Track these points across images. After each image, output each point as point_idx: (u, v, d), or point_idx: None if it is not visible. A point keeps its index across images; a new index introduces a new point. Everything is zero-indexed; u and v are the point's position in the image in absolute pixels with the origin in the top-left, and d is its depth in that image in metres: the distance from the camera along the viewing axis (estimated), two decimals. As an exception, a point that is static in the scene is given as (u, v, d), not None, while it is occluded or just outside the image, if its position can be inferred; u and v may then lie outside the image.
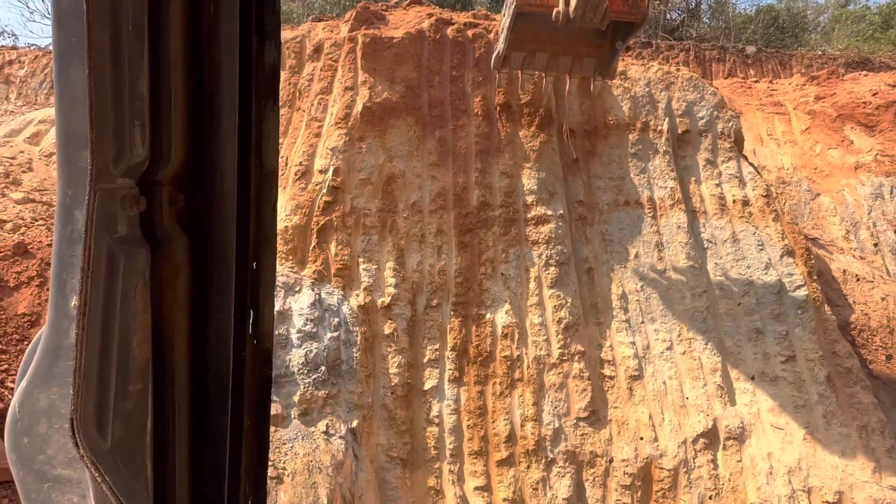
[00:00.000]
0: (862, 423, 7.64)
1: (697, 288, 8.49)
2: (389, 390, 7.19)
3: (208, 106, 0.89)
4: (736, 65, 19.60)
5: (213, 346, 0.94)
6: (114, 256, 0.81)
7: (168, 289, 0.89)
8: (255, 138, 0.91)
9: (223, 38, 0.87)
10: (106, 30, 0.74)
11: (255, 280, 0.95)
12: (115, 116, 0.78)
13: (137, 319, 0.85)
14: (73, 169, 0.78)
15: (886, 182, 10.62)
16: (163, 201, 0.88)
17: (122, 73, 0.77)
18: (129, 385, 0.85)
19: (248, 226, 0.93)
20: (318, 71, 8.30)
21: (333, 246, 7.56)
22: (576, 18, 6.44)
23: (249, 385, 0.96)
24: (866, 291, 9.12)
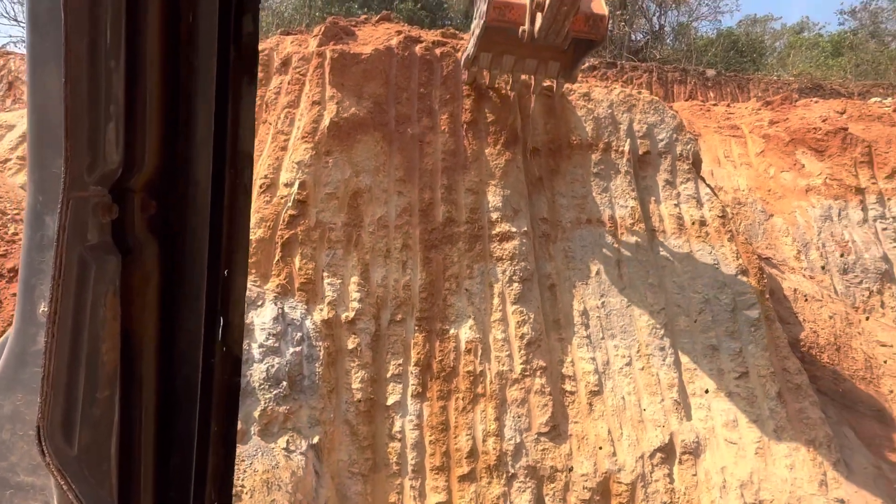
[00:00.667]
0: (810, 438, 7.92)
1: (656, 305, 8.71)
2: (352, 405, 7.17)
3: (184, 112, 0.89)
4: (697, 87, 20.23)
5: (183, 352, 0.94)
6: (85, 264, 0.81)
7: (138, 296, 0.89)
8: (229, 148, 0.92)
9: (201, 44, 0.88)
10: (84, 37, 0.75)
11: (226, 288, 0.96)
12: (90, 124, 0.78)
13: (107, 327, 0.85)
14: (46, 174, 0.78)
15: (835, 205, 11.09)
16: (135, 208, 0.88)
17: (98, 81, 0.78)
18: (97, 392, 0.84)
19: (221, 233, 0.94)
20: (286, 84, 8.30)
21: (298, 260, 7.53)
22: (540, 38, 6.85)
23: (218, 391, 0.97)
24: (815, 310, 9.49)
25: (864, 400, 8.61)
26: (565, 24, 6.59)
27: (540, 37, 6.75)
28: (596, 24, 6.90)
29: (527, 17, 6.74)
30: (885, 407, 8.50)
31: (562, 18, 6.47)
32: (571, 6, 6.31)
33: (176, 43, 0.86)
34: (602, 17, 6.92)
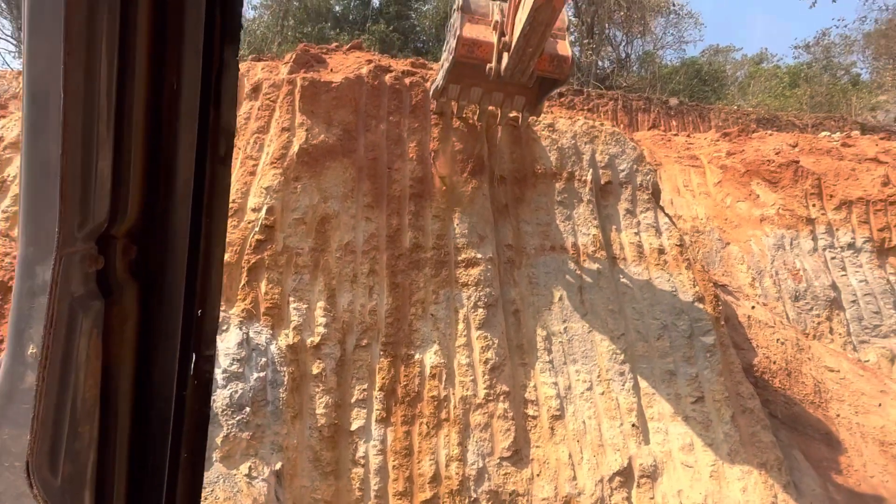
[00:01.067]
0: (762, 461, 8.21)
1: (616, 331, 8.96)
2: (315, 431, 7.20)
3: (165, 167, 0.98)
4: (660, 115, 20.89)
5: (158, 385, 1.01)
6: (74, 313, 0.89)
7: (117, 334, 0.97)
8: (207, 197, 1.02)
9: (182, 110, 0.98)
10: (79, 115, 0.85)
11: (199, 326, 1.04)
12: (82, 188, 0.87)
13: (90, 366, 0.93)
14: (38, 229, 0.86)
15: (787, 234, 11.58)
16: (118, 253, 0.96)
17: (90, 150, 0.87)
18: (79, 427, 0.92)
19: (196, 276, 1.03)
20: (256, 110, 8.39)
21: (264, 284, 7.57)
22: (506, 76, 7.16)
23: (189, 422, 1.05)
24: (768, 336, 9.87)
25: (813, 423, 8.96)
26: (530, 65, 6.90)
27: (506, 75, 7.06)
28: (560, 64, 7.22)
29: (494, 56, 7.02)
30: (832, 430, 8.86)
31: (527, 59, 6.76)
32: (536, 48, 6.60)
33: (159, 108, 0.97)
34: (566, 58, 7.23)
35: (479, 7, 7.44)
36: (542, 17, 6.10)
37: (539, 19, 6.13)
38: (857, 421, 9.04)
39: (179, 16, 0.92)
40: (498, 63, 7.06)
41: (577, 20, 28.94)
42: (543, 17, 6.11)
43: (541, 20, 6.15)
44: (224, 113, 1.02)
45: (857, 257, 11.37)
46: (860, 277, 11.13)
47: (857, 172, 12.03)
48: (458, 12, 7.35)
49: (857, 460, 8.53)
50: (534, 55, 6.73)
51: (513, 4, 6.92)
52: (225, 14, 0.97)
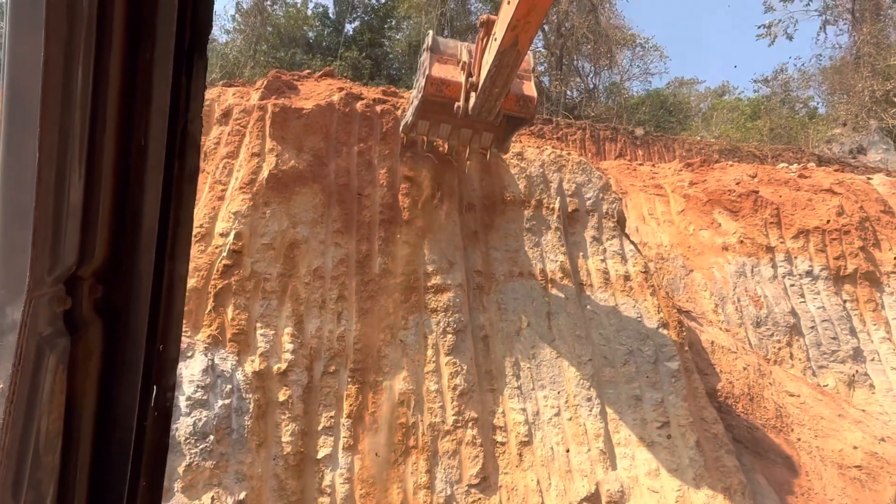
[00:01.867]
0: (726, 485, 8.32)
1: (583, 356, 9.07)
2: (281, 459, 7.08)
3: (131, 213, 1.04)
4: (626, 145, 21.45)
5: (119, 417, 1.06)
6: (41, 351, 0.93)
7: (81, 368, 1.01)
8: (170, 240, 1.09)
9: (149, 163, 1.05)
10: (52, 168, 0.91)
11: (160, 360, 1.10)
12: (52, 236, 0.93)
13: (54, 399, 0.96)
14: (9, 273, 0.92)
15: (748, 262, 11.92)
16: (84, 293, 1.01)
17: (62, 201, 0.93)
18: (42, 458, 0.95)
19: (159, 313, 1.09)
20: (226, 135, 8.39)
21: (231, 310, 7.50)
22: (473, 114, 7.38)
23: (148, 451, 1.10)
24: (731, 361, 10.09)
25: (775, 448, 9.15)
26: (497, 104, 7.13)
27: (473, 113, 7.28)
28: (526, 104, 7.51)
29: (462, 95, 7.23)
30: (792, 455, 9.04)
31: (493, 99, 6.97)
32: (503, 89, 6.82)
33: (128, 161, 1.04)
34: (531, 98, 7.54)
35: (448, 48, 7.69)
36: (508, 59, 6.30)
37: (505, 62, 6.34)
38: (816, 444, 9.25)
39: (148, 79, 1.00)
40: (465, 102, 7.28)
41: (546, 52, 29.70)
42: (509, 60, 6.31)
43: (506, 63, 6.35)
44: (188, 164, 1.10)
45: (814, 284, 11.75)
46: (818, 304, 11.48)
47: (813, 202, 12.49)
48: (427, 52, 7.58)
49: (816, 483, 8.71)
50: (500, 95, 6.95)
51: (479, 47, 7.14)
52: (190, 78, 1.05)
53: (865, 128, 24.84)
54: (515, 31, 5.93)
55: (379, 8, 32.25)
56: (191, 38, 1.04)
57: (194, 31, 1.05)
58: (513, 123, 7.98)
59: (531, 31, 6.04)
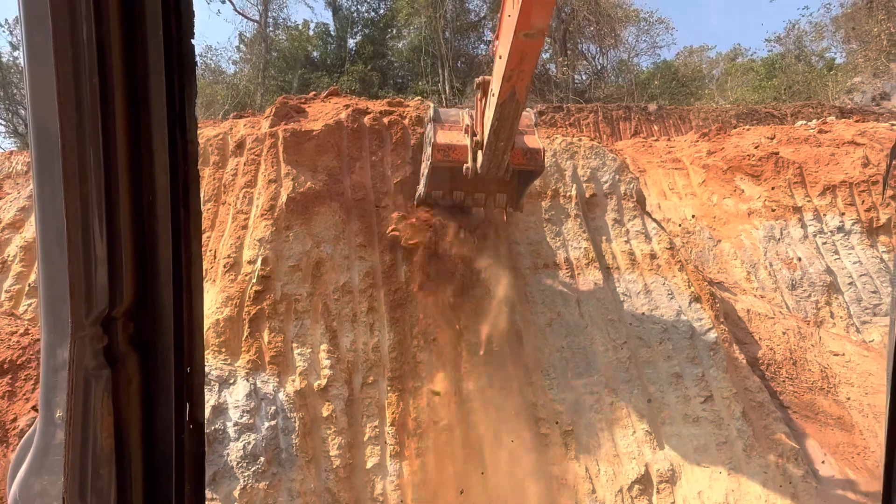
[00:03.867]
0: (778, 453, 8.22)
1: (618, 340, 9.06)
2: (331, 473, 7.27)
3: (150, 261, 1.24)
4: (641, 122, 21.22)
5: (160, 431, 1.26)
6: (88, 382, 1.14)
7: (124, 394, 1.21)
8: (185, 280, 1.28)
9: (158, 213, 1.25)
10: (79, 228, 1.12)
11: (189, 380, 1.30)
12: (86, 287, 1.14)
13: (104, 421, 1.17)
14: (55, 319, 1.13)
15: (776, 225, 11.73)
16: (118, 330, 1.21)
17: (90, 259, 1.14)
18: (100, 469, 1.16)
19: (183, 340, 1.29)
20: (242, 166, 8.64)
21: (266, 334, 7.72)
22: (483, 172, 7.42)
23: (189, 458, 1.29)
24: (769, 327, 9.94)
25: (825, 409, 8.99)
26: (504, 158, 7.19)
27: (483, 172, 7.35)
28: (533, 157, 7.57)
29: (469, 156, 7.34)
30: (843, 414, 8.88)
31: (500, 153, 7.04)
32: (507, 142, 6.88)
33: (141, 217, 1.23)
34: (538, 150, 7.57)
35: (450, 116, 7.84)
36: (508, 111, 6.38)
37: (506, 114, 6.42)
38: (867, 402, 9.06)
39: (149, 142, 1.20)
40: (474, 162, 7.38)
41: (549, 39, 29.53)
42: (509, 111, 6.40)
43: (507, 114, 6.44)
44: (192, 210, 1.29)
45: (847, 239, 11.49)
46: (853, 259, 11.23)
47: (836, 157, 12.22)
48: (430, 123, 7.72)
49: (872, 441, 8.54)
50: (506, 149, 7.01)
51: (480, 108, 7.25)
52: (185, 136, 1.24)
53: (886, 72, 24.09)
54: (511, 81, 6.07)
55: (378, 20, 32.55)
56: (180, 102, 1.22)
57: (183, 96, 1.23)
58: (524, 178, 8.02)
59: (526, 79, 6.12)
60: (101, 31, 1.12)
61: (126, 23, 1.16)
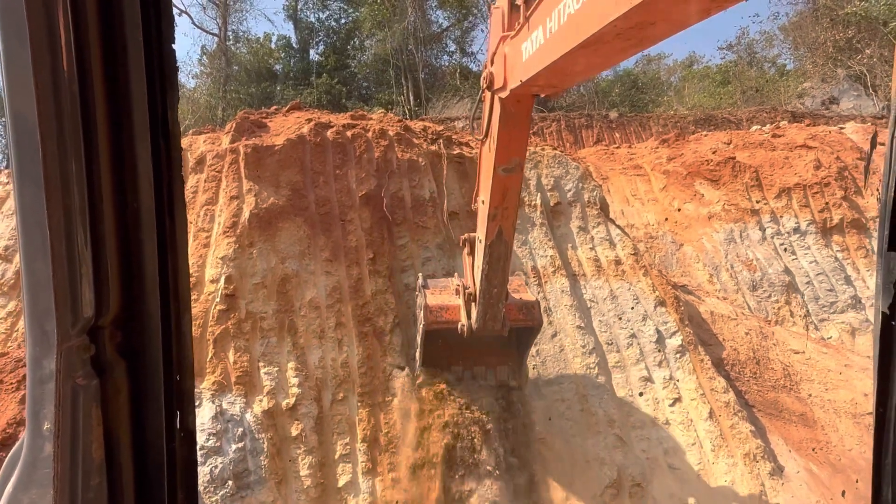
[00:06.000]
0: (745, 452, 8.38)
1: (587, 346, 9.14)
2: (302, 493, 7.13)
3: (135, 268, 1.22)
4: (602, 130, 21.59)
5: (151, 440, 1.24)
6: (76, 393, 1.12)
7: (113, 403, 1.19)
8: (171, 286, 1.26)
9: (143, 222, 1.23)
10: (62, 239, 1.10)
11: (178, 389, 1.29)
12: (71, 297, 1.12)
13: (93, 432, 1.15)
14: (40, 331, 1.11)
15: (736, 227, 12.03)
16: (106, 340, 1.18)
17: (74, 267, 1.12)
18: (91, 481, 1.14)
19: (171, 348, 1.27)
20: (203, 182, 8.48)
21: (232, 354, 7.56)
22: (479, 328, 7.03)
23: (181, 467, 1.28)
24: (732, 328, 10.17)
25: (788, 406, 9.21)
26: (500, 308, 6.87)
27: (479, 326, 6.96)
28: (529, 310, 7.34)
29: (462, 313, 7.05)
30: (805, 411, 9.11)
31: (495, 302, 6.75)
32: (501, 288, 6.64)
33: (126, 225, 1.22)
34: (533, 303, 7.41)
35: (439, 283, 7.68)
36: (498, 252, 6.31)
37: (495, 256, 6.33)
38: (828, 398, 9.32)
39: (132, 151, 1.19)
40: (469, 319, 7.05)
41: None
42: (499, 252, 6.32)
43: (497, 255, 6.34)
44: (177, 219, 1.28)
45: (803, 240, 11.85)
46: (810, 259, 11.58)
47: (790, 160, 12.62)
48: (420, 291, 7.48)
49: (833, 436, 8.77)
50: (500, 296, 6.74)
51: (468, 262, 7.16)
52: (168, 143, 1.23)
53: (834, 77, 25.03)
54: (497, 220, 6.05)
55: (339, 29, 32.47)
56: (162, 108, 1.22)
57: (165, 102, 1.23)
58: (523, 339, 7.79)
59: (511, 216, 6.12)
60: (79, 38, 1.10)
61: (105, 29, 1.15)
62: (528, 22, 4.33)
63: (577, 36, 3.40)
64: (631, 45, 3.34)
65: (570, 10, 3.47)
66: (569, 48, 3.53)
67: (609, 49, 3.40)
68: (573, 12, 3.45)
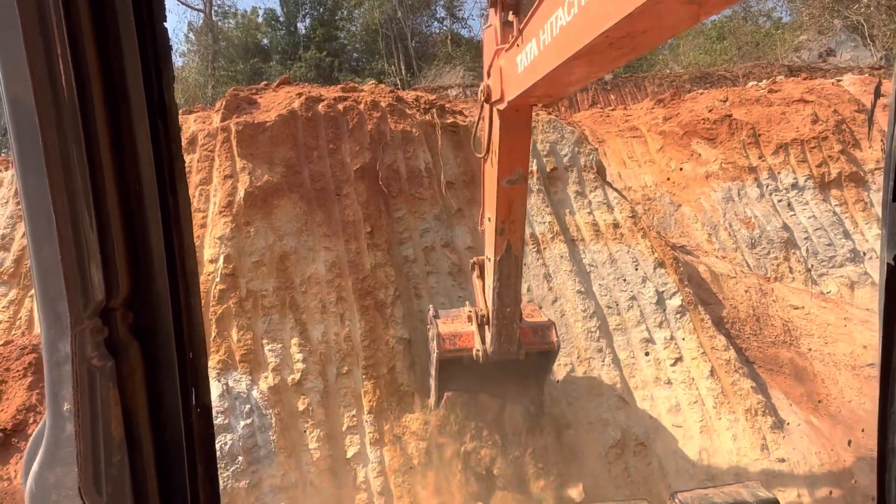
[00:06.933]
0: (746, 408, 8.49)
1: (587, 310, 9.19)
2: (312, 466, 7.25)
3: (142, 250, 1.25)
4: (597, 92, 21.35)
5: (168, 417, 1.28)
6: (92, 374, 1.16)
7: (129, 382, 1.22)
8: (178, 265, 1.29)
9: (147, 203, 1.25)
10: (68, 224, 1.13)
11: (192, 365, 1.32)
12: (80, 279, 1.15)
13: (111, 410, 1.19)
14: (53, 315, 1.15)
15: (733, 186, 11.99)
16: (118, 321, 1.21)
17: (81, 249, 1.15)
18: (112, 458, 1.19)
19: (182, 326, 1.30)
20: (196, 162, 8.42)
21: (235, 332, 7.61)
22: (494, 352, 6.76)
23: (198, 441, 1.32)
24: (732, 287, 10.21)
25: (788, 362, 9.31)
26: (514, 329, 6.66)
27: (494, 350, 6.72)
28: (544, 333, 7.13)
29: (476, 338, 6.81)
30: (805, 365, 9.21)
31: (509, 322, 6.57)
32: (514, 307, 6.47)
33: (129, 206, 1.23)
34: (548, 324, 7.23)
35: (450, 313, 7.48)
36: (508, 268, 6.22)
37: (505, 272, 6.23)
38: (827, 351, 9.41)
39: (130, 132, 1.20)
40: (483, 344, 6.79)
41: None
42: (509, 268, 6.23)
43: (508, 272, 6.24)
44: (180, 197, 1.29)
45: (801, 195, 11.82)
46: (808, 214, 11.56)
47: (787, 115, 12.50)
48: (432, 322, 7.27)
49: (833, 388, 8.89)
50: (513, 315, 6.56)
51: (479, 286, 7.02)
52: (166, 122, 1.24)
53: (830, 29, 24.64)
54: (504, 235, 6.00)
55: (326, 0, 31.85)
56: (158, 89, 1.23)
57: (161, 83, 1.24)
58: (541, 365, 7.48)
59: (518, 230, 6.07)
60: (71, 24, 1.10)
61: (96, 10, 1.15)
62: (522, 35, 4.38)
63: (570, 47, 3.44)
64: (624, 54, 3.38)
65: (562, 21, 3.50)
66: (563, 59, 3.58)
67: (603, 58, 3.45)
68: (565, 24, 3.49)
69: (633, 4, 2.67)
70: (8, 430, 6.61)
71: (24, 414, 6.79)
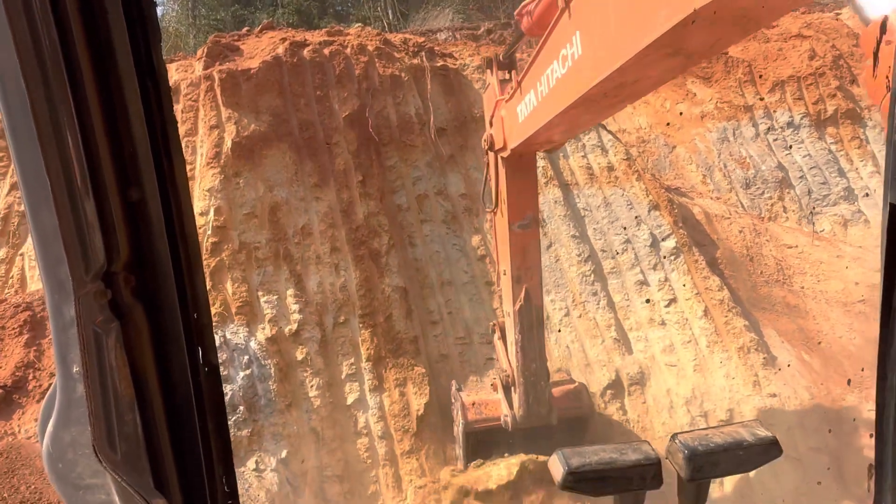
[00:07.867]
0: (739, 346, 8.62)
1: (582, 255, 9.20)
2: (313, 413, 7.36)
3: (140, 213, 1.25)
4: (590, 33, 20.75)
5: (177, 377, 1.31)
6: (98, 336, 1.19)
7: (136, 345, 1.24)
8: (177, 227, 1.29)
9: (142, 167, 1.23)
10: (63, 188, 1.13)
11: (197, 325, 1.34)
12: (80, 243, 1.16)
13: (120, 371, 1.22)
14: (55, 280, 1.16)
15: (729, 126, 11.82)
16: (121, 284, 1.22)
17: (80, 217, 1.16)
18: (125, 417, 1.23)
19: (185, 288, 1.31)
20: (180, 113, 8.20)
21: (230, 285, 7.58)
22: (524, 417, 6.33)
23: (208, 399, 1.35)
24: (726, 227, 10.21)
25: (781, 300, 9.40)
26: (543, 390, 6.30)
27: (523, 414, 6.29)
28: (577, 396, 6.93)
29: (503, 404, 6.42)
30: (798, 303, 9.31)
31: (536, 380, 6.24)
32: (541, 362, 6.23)
33: (125, 170, 1.23)
34: (580, 388, 7.06)
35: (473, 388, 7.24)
36: (529, 318, 6.07)
37: (526, 324, 6.06)
38: (819, 289, 9.50)
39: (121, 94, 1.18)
40: (511, 410, 6.36)
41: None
42: (530, 319, 6.08)
43: (529, 323, 6.07)
44: (175, 158, 1.28)
45: (797, 134, 11.68)
46: (804, 153, 11.46)
47: (784, 52, 12.22)
48: (456, 396, 6.96)
49: (825, 325, 9.01)
50: (540, 373, 6.26)
51: (501, 347, 6.75)
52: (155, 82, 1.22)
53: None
54: (522, 283, 5.95)
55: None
56: (145, 48, 1.21)
57: (147, 42, 1.22)
58: (575, 431, 6.96)
59: (535, 276, 6.06)
60: None
61: None
62: (521, 87, 4.62)
63: (566, 98, 3.64)
64: (619, 101, 3.56)
65: (558, 74, 3.72)
66: (561, 108, 3.79)
67: (599, 106, 3.66)
68: (560, 77, 3.69)
69: (620, 59, 2.81)
70: (8, 386, 6.65)
71: (24, 370, 6.82)
